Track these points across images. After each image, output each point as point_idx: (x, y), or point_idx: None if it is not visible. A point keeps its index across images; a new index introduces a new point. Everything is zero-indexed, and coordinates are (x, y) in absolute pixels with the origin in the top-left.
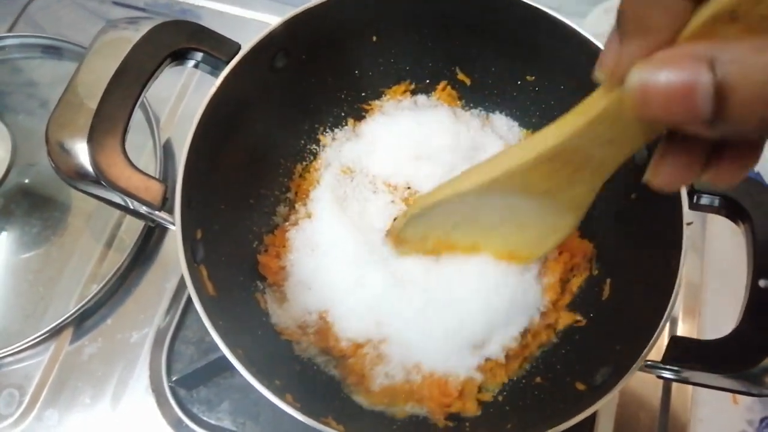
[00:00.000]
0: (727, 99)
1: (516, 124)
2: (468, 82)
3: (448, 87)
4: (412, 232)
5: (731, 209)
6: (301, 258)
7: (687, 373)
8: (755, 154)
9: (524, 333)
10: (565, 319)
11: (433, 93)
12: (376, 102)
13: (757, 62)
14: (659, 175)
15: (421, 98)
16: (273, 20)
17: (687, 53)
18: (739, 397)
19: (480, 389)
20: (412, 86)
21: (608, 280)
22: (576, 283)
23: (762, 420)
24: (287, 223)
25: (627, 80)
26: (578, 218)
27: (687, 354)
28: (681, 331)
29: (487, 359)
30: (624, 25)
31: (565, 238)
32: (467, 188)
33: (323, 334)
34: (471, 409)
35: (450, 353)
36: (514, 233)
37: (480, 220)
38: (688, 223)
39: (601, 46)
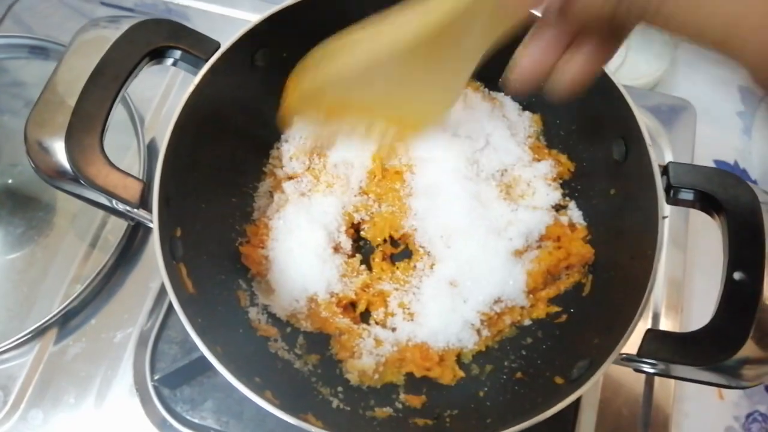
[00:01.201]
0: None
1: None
2: None
3: None
4: (304, 103)
5: (706, 202)
6: (280, 246)
7: (664, 366)
8: (609, 47)
9: (498, 302)
10: (542, 309)
11: None
12: None
13: None
14: (518, 63)
15: None
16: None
17: None
18: (724, 392)
19: (459, 357)
20: None
21: (590, 277)
22: (565, 284)
23: (748, 416)
24: (267, 212)
25: None
26: (452, 101)
27: (662, 347)
28: (664, 326)
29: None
30: None
31: (446, 111)
32: (355, 65)
33: (315, 317)
34: (447, 377)
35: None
36: (402, 102)
37: (373, 85)
38: (664, 217)
39: None
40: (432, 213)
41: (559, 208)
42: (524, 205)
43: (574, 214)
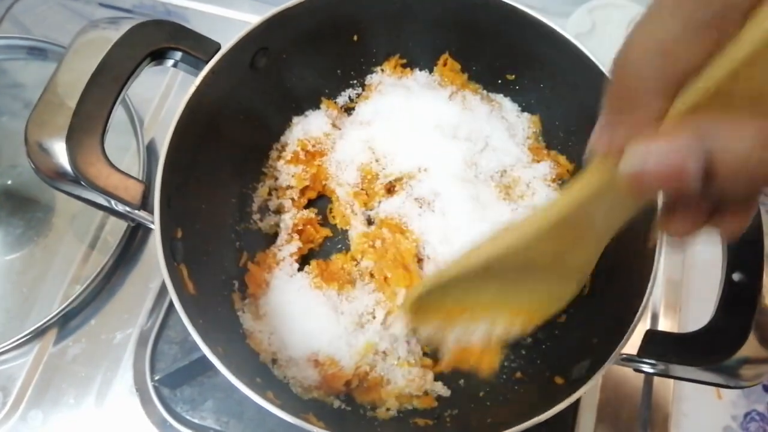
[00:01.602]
0: (714, 175)
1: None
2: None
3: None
4: (424, 302)
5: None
6: (281, 285)
7: (663, 366)
8: (750, 208)
9: None
10: None
11: (434, 69)
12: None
13: (738, 145)
14: (670, 229)
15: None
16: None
17: (676, 138)
18: (723, 392)
19: None
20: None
21: (590, 277)
22: None
23: (746, 415)
24: (277, 244)
25: (621, 166)
26: (580, 284)
27: (662, 347)
28: (662, 326)
29: None
30: (612, 105)
31: (569, 302)
32: (477, 263)
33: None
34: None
35: None
36: (522, 299)
37: (489, 288)
38: None
39: (581, 47)
40: (432, 221)
41: None
42: (524, 205)
43: None
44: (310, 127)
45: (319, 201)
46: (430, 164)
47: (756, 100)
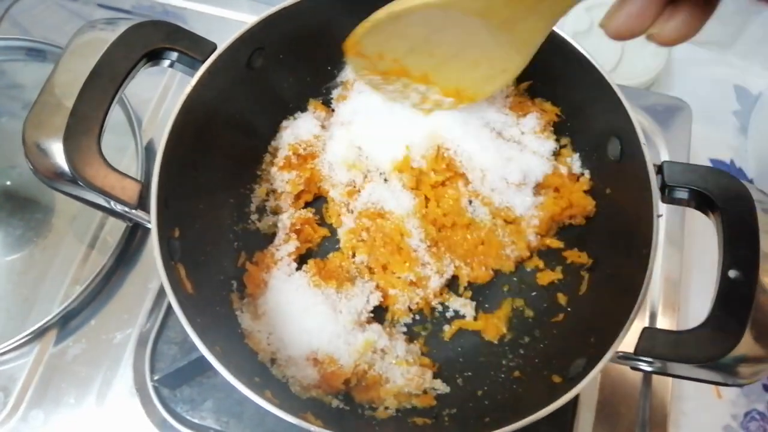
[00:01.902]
0: None
1: None
2: None
3: None
4: (370, 44)
5: (701, 201)
6: (279, 284)
7: (660, 364)
8: (707, 9)
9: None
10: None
11: None
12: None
13: None
14: (614, 20)
15: None
16: None
17: None
18: (723, 391)
19: None
20: None
21: (586, 276)
22: (557, 244)
23: (746, 414)
24: (275, 244)
25: None
26: (527, 58)
27: (659, 345)
28: (661, 324)
29: None
30: None
31: (511, 79)
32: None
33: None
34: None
35: None
36: (464, 69)
37: (435, 49)
38: (659, 216)
39: (578, 46)
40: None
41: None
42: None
43: (575, 165)
44: (299, 130)
45: (317, 201)
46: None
47: None
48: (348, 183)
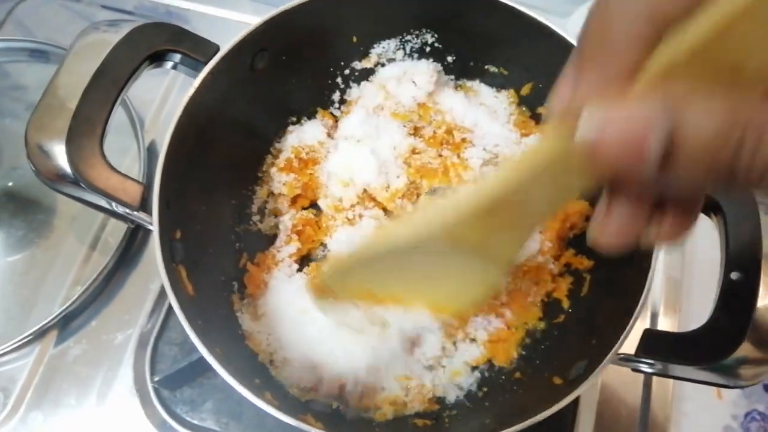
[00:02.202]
0: (674, 156)
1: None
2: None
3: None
4: (335, 281)
5: (704, 203)
6: (280, 285)
7: (661, 366)
8: (694, 212)
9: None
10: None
11: None
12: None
13: (707, 124)
14: (605, 232)
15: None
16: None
17: (642, 102)
18: (723, 392)
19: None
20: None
21: (588, 277)
22: (570, 254)
23: (746, 414)
24: (276, 245)
25: (583, 116)
26: (505, 270)
27: (660, 346)
28: (662, 326)
29: None
30: (580, 58)
31: (492, 292)
32: (399, 241)
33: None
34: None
35: None
36: (440, 288)
37: (404, 274)
38: None
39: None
40: None
41: None
42: None
43: None
44: (305, 135)
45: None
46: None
47: (736, 69)
48: (338, 198)
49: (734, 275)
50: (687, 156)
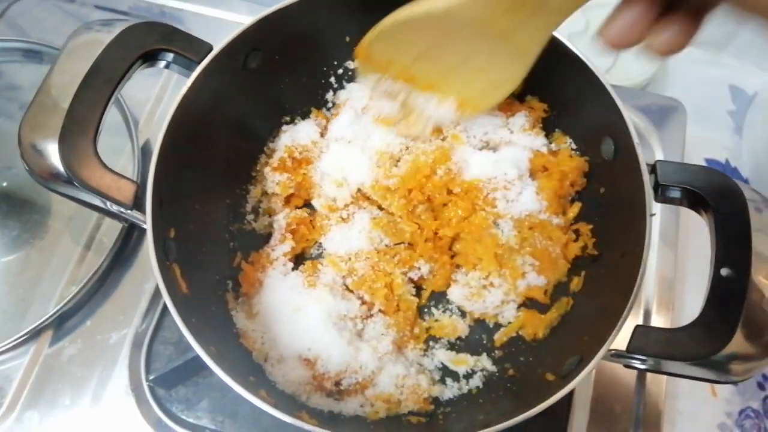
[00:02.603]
0: None
1: None
2: None
3: None
4: (379, 49)
5: (694, 200)
6: (274, 284)
7: (653, 362)
8: (699, 20)
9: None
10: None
11: None
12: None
13: None
14: (610, 30)
15: None
16: None
17: None
18: (717, 389)
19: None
20: None
21: (582, 273)
22: (576, 208)
23: (741, 412)
24: (271, 244)
25: None
26: (526, 67)
27: (651, 342)
28: (655, 323)
29: None
30: None
31: (514, 88)
32: (437, 8)
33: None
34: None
35: None
36: (469, 78)
37: (439, 57)
38: (652, 215)
39: (573, 47)
40: None
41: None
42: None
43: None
44: (298, 134)
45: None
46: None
47: None
48: (332, 198)
49: (724, 271)
50: None
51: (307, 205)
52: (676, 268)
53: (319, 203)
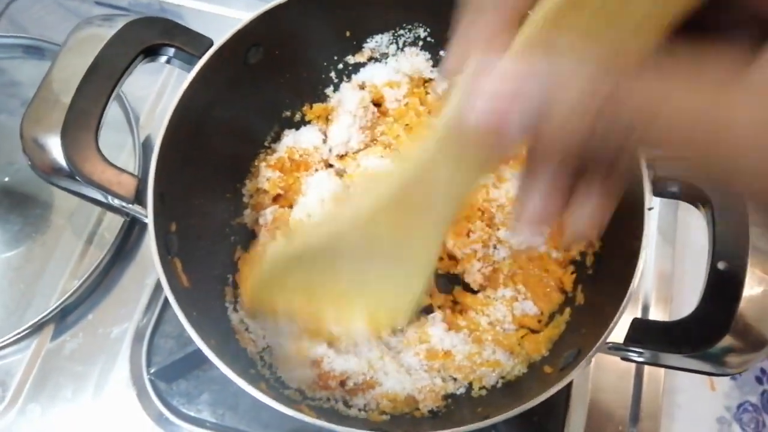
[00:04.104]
0: (547, 119)
1: None
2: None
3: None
4: (268, 289)
5: (692, 194)
6: None
7: (650, 355)
8: (613, 193)
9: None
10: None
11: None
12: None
13: (572, 93)
14: (524, 212)
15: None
16: None
17: (523, 57)
18: (716, 383)
19: None
20: None
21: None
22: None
23: (739, 406)
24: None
25: (461, 80)
26: (426, 280)
27: (648, 335)
28: (653, 316)
29: None
30: (469, 10)
31: (416, 305)
32: (313, 240)
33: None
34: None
35: None
36: (370, 300)
37: (334, 284)
38: (650, 209)
39: None
40: None
41: None
42: None
43: None
44: (301, 137)
45: None
46: None
47: (611, 18)
48: (308, 214)
49: (721, 265)
50: (557, 119)
51: None
52: (674, 262)
53: (298, 211)
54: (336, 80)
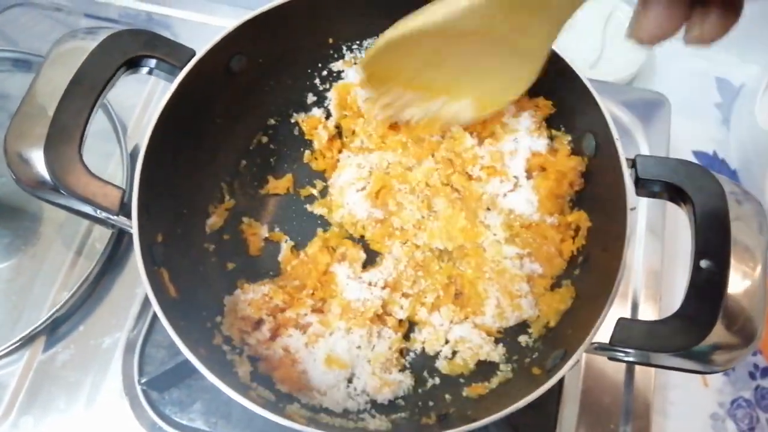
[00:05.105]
0: None
1: None
2: None
3: None
4: (383, 63)
5: (674, 193)
6: None
7: (637, 354)
8: (737, 8)
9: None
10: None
11: None
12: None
13: None
14: (642, 28)
15: None
16: None
17: None
18: (709, 379)
19: None
20: None
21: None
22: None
23: (733, 401)
24: None
25: None
26: (538, 66)
27: (633, 334)
28: (643, 315)
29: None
30: None
31: (528, 85)
32: (435, 21)
33: None
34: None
35: None
36: (481, 79)
37: (447, 64)
38: (632, 209)
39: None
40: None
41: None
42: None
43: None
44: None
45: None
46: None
47: None
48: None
49: (704, 263)
50: None
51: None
52: (663, 259)
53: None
54: (320, 87)
